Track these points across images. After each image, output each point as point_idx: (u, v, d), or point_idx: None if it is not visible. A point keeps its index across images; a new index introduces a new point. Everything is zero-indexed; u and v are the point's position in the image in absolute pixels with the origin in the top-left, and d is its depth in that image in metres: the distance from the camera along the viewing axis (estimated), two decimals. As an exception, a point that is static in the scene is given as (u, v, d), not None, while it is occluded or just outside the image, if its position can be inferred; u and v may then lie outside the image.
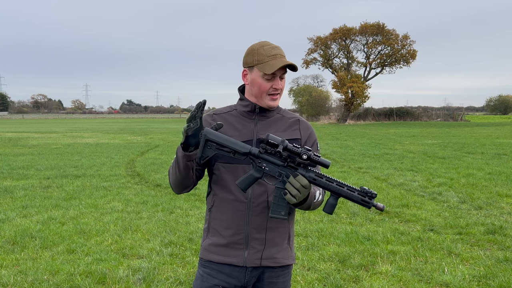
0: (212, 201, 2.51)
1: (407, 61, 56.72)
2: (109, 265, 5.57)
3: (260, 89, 2.43)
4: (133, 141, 25.98)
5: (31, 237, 6.66)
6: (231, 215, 2.43)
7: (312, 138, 2.57)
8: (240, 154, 2.23)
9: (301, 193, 2.17)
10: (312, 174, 2.21)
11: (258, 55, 2.41)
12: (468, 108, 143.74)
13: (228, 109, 2.58)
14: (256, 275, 2.46)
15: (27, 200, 9.22)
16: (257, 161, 2.24)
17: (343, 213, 8.05)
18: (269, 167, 2.24)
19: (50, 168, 14.02)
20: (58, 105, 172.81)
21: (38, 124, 58.73)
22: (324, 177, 2.22)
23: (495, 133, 30.81)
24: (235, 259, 2.43)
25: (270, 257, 2.45)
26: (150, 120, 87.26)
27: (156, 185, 10.99)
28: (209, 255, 2.49)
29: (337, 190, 2.21)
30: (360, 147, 21.11)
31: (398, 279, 5.18)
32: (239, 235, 2.43)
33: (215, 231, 2.49)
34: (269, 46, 2.42)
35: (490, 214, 7.96)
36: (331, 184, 2.21)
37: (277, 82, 2.41)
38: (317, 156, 2.18)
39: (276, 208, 2.25)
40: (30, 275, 5.20)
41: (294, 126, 2.55)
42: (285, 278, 2.54)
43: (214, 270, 2.46)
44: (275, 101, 2.46)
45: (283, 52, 2.43)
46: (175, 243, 6.41)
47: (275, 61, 2.36)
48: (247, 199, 2.40)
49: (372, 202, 2.20)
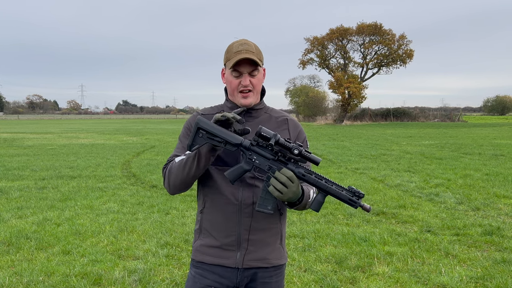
0: (203, 202, 2.49)
1: (404, 61, 56.75)
2: (105, 266, 5.54)
3: (231, 86, 2.43)
4: (129, 141, 25.93)
5: (26, 238, 6.62)
6: (223, 217, 2.41)
7: (301, 136, 2.56)
8: (231, 145, 2.20)
9: (287, 187, 2.14)
10: (301, 170, 2.19)
11: (228, 52, 2.41)
12: (466, 109, 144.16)
13: (216, 109, 2.54)
14: (249, 275, 2.44)
15: (23, 201, 9.18)
16: (247, 153, 2.22)
17: (339, 214, 8.02)
18: (260, 160, 2.22)
19: (46, 169, 13.97)
20: (54, 105, 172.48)
21: (33, 124, 58.62)
22: (313, 173, 2.20)
23: (493, 134, 30.89)
24: (227, 261, 2.41)
25: (262, 258, 2.44)
26: (146, 120, 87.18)
27: (152, 186, 10.95)
28: (201, 256, 2.47)
29: (326, 187, 2.19)
30: (357, 147, 21.12)
31: (395, 281, 5.16)
32: (231, 237, 2.41)
33: (207, 232, 2.48)
34: (239, 42, 2.41)
35: (488, 215, 7.95)
36: (320, 181, 2.19)
37: (245, 78, 2.38)
38: (308, 153, 2.15)
39: (263, 202, 2.23)
40: (26, 276, 5.18)
41: (282, 126, 2.53)
42: (278, 278, 2.52)
43: (206, 271, 2.45)
44: (247, 99, 2.41)
45: (253, 48, 2.39)
46: (171, 244, 6.38)
47: (238, 56, 2.34)
48: (237, 200, 2.38)
49: (359, 202, 2.18)
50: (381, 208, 8.44)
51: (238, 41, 2.42)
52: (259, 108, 2.52)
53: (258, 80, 2.44)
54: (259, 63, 2.37)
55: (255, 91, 2.44)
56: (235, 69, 2.36)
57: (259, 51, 2.44)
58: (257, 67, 2.40)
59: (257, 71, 2.41)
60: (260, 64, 2.40)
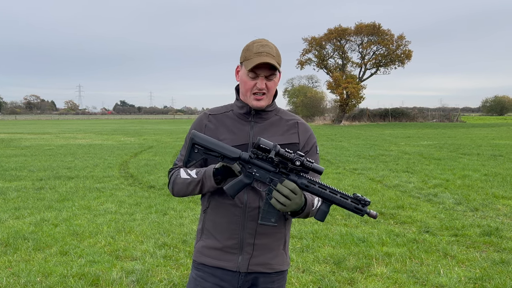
0: (207, 202, 2.46)
1: (402, 62, 56.79)
2: (103, 267, 5.52)
3: (245, 87, 2.37)
4: (127, 142, 25.87)
5: (23, 238, 6.60)
6: (226, 219, 2.38)
7: (311, 141, 2.50)
8: (229, 159, 2.16)
9: (290, 199, 2.10)
10: (304, 180, 2.14)
11: (247, 51, 2.35)
12: (464, 109, 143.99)
13: (225, 109, 2.51)
14: (250, 280, 2.41)
15: (20, 202, 9.15)
16: (247, 166, 2.17)
17: (338, 214, 8.01)
18: (260, 173, 2.17)
19: (43, 169, 13.93)
20: (51, 106, 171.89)
21: (31, 125, 58.49)
22: (317, 183, 2.15)
23: (491, 134, 30.90)
24: (229, 264, 2.38)
25: (264, 263, 2.40)
26: (144, 121, 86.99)
27: (150, 186, 10.93)
28: (202, 258, 2.44)
29: (330, 197, 2.14)
30: (355, 148, 21.11)
31: (394, 281, 5.15)
32: (234, 240, 2.38)
33: (209, 233, 2.45)
34: (260, 43, 2.35)
35: (486, 216, 7.94)
36: (324, 191, 2.14)
37: (261, 81, 2.33)
38: (311, 163, 2.10)
39: (266, 215, 2.18)
40: (23, 277, 5.16)
41: (292, 130, 2.47)
42: (280, 283, 2.49)
43: (207, 273, 2.42)
44: (259, 101, 2.37)
45: (274, 51, 2.33)
46: (169, 245, 6.36)
47: (258, 58, 2.28)
48: (242, 204, 2.35)
49: (365, 210, 2.12)
50: (379, 208, 8.43)
51: (259, 42, 2.37)
52: (270, 110, 2.47)
53: (274, 84, 2.39)
54: (278, 68, 2.31)
55: (269, 95, 2.40)
56: (252, 70, 2.31)
57: (278, 54, 2.38)
58: (275, 72, 2.35)
59: (275, 75, 2.36)
60: (279, 69, 2.35)
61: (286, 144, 2.39)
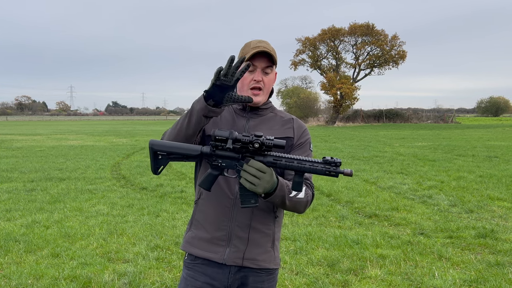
0: (199, 192, 2.48)
1: (397, 62, 56.88)
2: (94, 269, 5.47)
3: (242, 81, 2.40)
4: (119, 143, 25.76)
5: (15, 241, 6.54)
6: (217, 210, 2.40)
7: (305, 137, 2.52)
8: (192, 157, 2.17)
9: (259, 177, 2.07)
10: (270, 158, 2.12)
11: (245, 48, 2.43)
12: (459, 110, 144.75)
13: None
14: (239, 278, 2.41)
15: (11, 204, 9.07)
16: (212, 159, 2.17)
17: (331, 216, 7.98)
18: (226, 162, 2.16)
19: (34, 170, 13.83)
20: (43, 106, 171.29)
21: (22, 126, 58.25)
22: (283, 158, 2.12)
23: (486, 135, 30.97)
24: (216, 255, 2.38)
25: (251, 258, 2.40)
26: (136, 122, 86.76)
27: (142, 188, 10.87)
28: (190, 248, 2.45)
29: (299, 168, 2.10)
30: (349, 149, 21.11)
31: (388, 284, 5.12)
32: (222, 231, 2.39)
33: (199, 224, 2.46)
34: (258, 40, 2.42)
35: (481, 218, 7.93)
36: (292, 163, 2.11)
37: (258, 74, 2.37)
38: (270, 140, 2.07)
39: (245, 198, 2.16)
40: (14, 280, 5.11)
41: (287, 125, 2.52)
42: (270, 283, 2.50)
43: (197, 272, 2.42)
44: (257, 97, 2.41)
45: (270, 47, 2.40)
46: (161, 247, 6.31)
47: (255, 50, 2.34)
48: (233, 195, 2.36)
49: (338, 170, 2.07)
50: (373, 210, 8.40)
51: (257, 40, 2.44)
52: (266, 108, 2.53)
53: (270, 80, 2.44)
54: (274, 59, 2.37)
55: (265, 91, 2.45)
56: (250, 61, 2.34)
57: (275, 52, 2.44)
58: (272, 65, 2.41)
59: (271, 69, 2.42)
60: (276, 62, 2.41)
61: (281, 137, 2.42)
